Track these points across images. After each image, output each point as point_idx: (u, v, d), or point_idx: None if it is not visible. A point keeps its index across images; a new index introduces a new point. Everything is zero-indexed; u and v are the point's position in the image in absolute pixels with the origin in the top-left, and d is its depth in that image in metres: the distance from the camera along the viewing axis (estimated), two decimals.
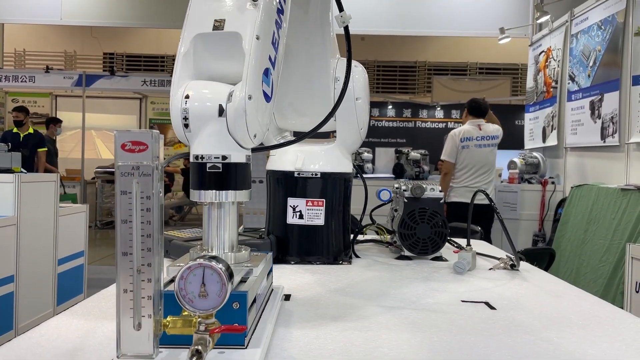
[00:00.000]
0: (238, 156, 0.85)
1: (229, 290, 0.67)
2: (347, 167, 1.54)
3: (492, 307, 1.06)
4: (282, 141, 1.50)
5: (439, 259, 1.57)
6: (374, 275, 1.36)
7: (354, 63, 1.59)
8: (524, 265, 1.48)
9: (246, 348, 0.75)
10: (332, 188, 1.49)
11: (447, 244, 1.67)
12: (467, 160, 4.91)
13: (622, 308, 3.02)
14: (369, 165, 6.75)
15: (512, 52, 9.92)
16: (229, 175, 0.84)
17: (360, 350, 0.82)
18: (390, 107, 10.92)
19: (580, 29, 5.23)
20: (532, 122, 6.39)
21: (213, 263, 0.67)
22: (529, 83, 6.58)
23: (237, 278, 0.77)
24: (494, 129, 5.00)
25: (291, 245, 1.48)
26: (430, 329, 0.92)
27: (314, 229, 1.47)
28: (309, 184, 1.48)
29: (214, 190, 0.84)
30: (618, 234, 3.84)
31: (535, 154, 6.00)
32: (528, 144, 6.44)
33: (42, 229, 3.96)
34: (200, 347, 0.65)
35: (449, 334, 0.90)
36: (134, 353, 0.68)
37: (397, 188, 1.68)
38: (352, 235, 1.60)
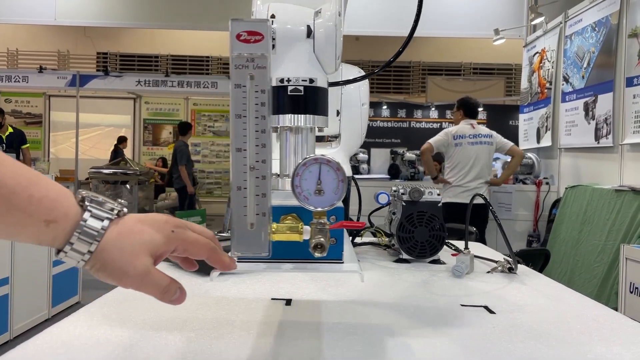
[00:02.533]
0: (322, 80, 0.82)
1: (345, 187, 0.66)
2: (346, 170, 1.54)
3: (491, 311, 1.07)
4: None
5: (437, 262, 1.58)
6: (372, 278, 1.37)
7: (353, 68, 1.61)
8: (521, 268, 1.49)
9: (343, 262, 0.74)
10: None
11: (444, 246, 1.68)
12: (460, 157, 4.93)
13: (616, 308, 3.04)
14: (365, 166, 6.76)
15: (506, 52, 9.96)
16: (311, 99, 0.81)
17: (360, 356, 0.83)
18: (385, 107, 10.93)
19: (574, 30, 5.26)
20: (527, 123, 6.42)
21: (331, 160, 0.65)
22: (524, 84, 6.61)
23: None
24: (487, 130, 5.04)
25: None
26: (431, 334, 0.93)
27: None
28: None
29: (293, 114, 0.81)
30: (612, 235, 3.86)
31: (529, 154, 6.03)
32: (522, 145, 6.47)
33: None
34: (323, 240, 0.64)
35: (450, 338, 0.91)
36: (248, 252, 0.66)
37: (395, 191, 1.68)
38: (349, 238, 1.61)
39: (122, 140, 11.05)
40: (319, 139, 1.72)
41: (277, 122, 0.82)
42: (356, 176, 6.11)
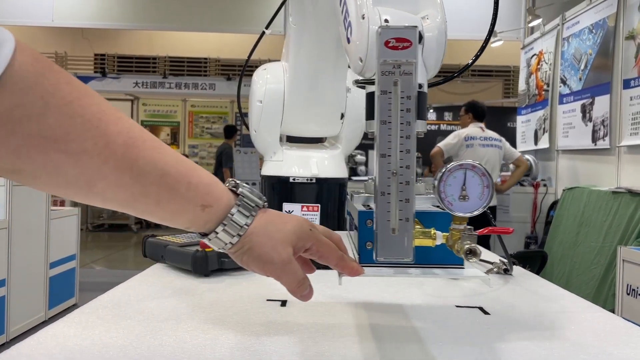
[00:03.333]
0: (426, 85, 0.83)
1: (492, 193, 0.67)
2: (342, 172, 1.55)
3: (486, 312, 1.07)
4: (285, 149, 1.51)
5: None
6: (368, 280, 1.37)
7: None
8: (517, 269, 1.49)
9: (464, 267, 0.75)
10: (327, 193, 1.50)
11: None
12: (471, 158, 4.95)
13: (613, 310, 3.05)
14: (362, 167, 6.76)
15: (504, 54, 9.97)
16: (420, 104, 0.80)
17: (357, 356, 0.83)
18: None
19: (571, 32, 5.27)
20: (524, 125, 6.43)
21: (476, 165, 0.66)
22: (521, 86, 6.62)
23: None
24: (497, 134, 5.10)
25: None
26: (426, 335, 0.93)
27: None
28: (304, 189, 1.49)
29: None
30: (609, 237, 3.87)
31: (527, 156, 6.04)
32: (520, 147, 6.48)
33: (34, 232, 3.94)
34: (474, 245, 0.65)
35: (444, 339, 0.91)
36: (391, 257, 0.67)
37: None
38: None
39: None
40: (317, 140, 1.73)
41: (373, 127, 0.84)
42: (354, 178, 6.11)
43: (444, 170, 0.67)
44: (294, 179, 1.48)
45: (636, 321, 2.52)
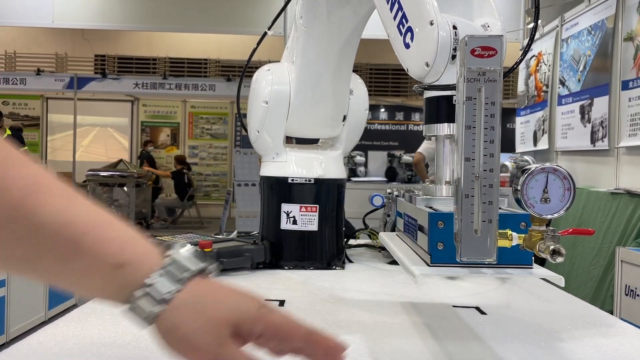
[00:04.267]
0: None
1: (573, 195, 0.68)
2: (341, 173, 1.56)
3: (482, 312, 1.08)
4: (280, 156, 1.52)
5: None
6: (367, 280, 1.38)
7: (356, 77, 1.63)
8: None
9: (532, 267, 0.76)
10: (325, 194, 1.51)
11: None
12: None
13: (611, 311, 3.04)
14: (362, 168, 6.77)
15: None
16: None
17: (354, 355, 0.83)
18: (382, 110, 10.96)
19: (570, 34, 5.28)
20: (523, 126, 6.44)
21: (558, 168, 0.68)
22: (520, 87, 6.63)
23: None
24: None
25: (285, 251, 1.49)
26: (423, 335, 0.94)
27: (307, 234, 1.49)
28: (302, 190, 1.49)
29: (451, 123, 0.85)
30: (608, 238, 3.87)
31: (526, 157, 6.04)
32: (519, 148, 6.49)
33: None
34: (559, 246, 0.66)
35: (441, 339, 0.92)
36: (474, 257, 0.68)
37: (389, 193, 1.69)
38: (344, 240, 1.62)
39: (147, 142, 11.05)
40: (313, 141, 1.73)
41: (435, 131, 0.87)
42: (353, 179, 6.07)
43: (526, 173, 0.69)
44: (292, 180, 1.49)
45: (634, 322, 2.52)
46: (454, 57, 0.86)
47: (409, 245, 0.92)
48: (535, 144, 6.07)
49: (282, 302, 1.13)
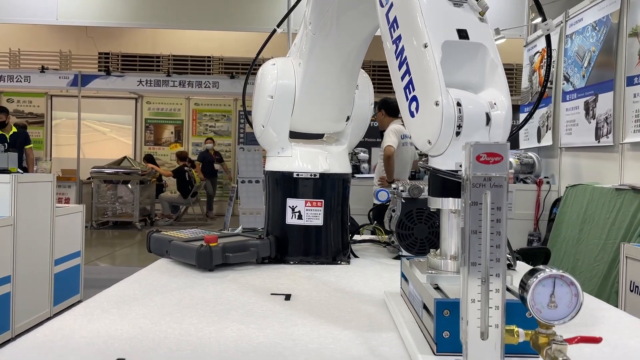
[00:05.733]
0: None
1: (581, 301, 0.67)
2: (346, 168, 1.56)
3: None
4: (285, 151, 1.52)
5: None
6: (373, 275, 1.38)
7: (362, 72, 1.63)
8: (520, 265, 1.49)
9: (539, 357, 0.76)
10: (330, 189, 1.51)
11: None
12: (405, 157, 4.96)
13: (616, 307, 3.03)
14: (365, 165, 6.76)
15: (507, 52, 9.95)
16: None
17: (361, 349, 0.83)
18: None
19: (574, 29, 5.26)
20: (527, 122, 6.43)
21: (565, 274, 0.67)
22: (524, 83, 6.61)
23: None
24: None
25: (290, 246, 1.49)
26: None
27: (312, 229, 1.49)
28: (308, 185, 1.49)
29: (457, 199, 0.86)
30: (612, 234, 3.86)
31: (530, 153, 6.02)
32: (523, 144, 6.47)
33: (39, 229, 3.96)
34: (567, 357, 0.66)
35: None
36: None
37: (394, 189, 1.69)
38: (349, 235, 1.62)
39: (184, 157, 10.85)
40: (318, 136, 1.73)
41: (440, 205, 0.87)
42: (357, 175, 6.03)
43: (533, 280, 0.68)
44: (297, 175, 1.49)
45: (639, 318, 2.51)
46: (458, 133, 0.86)
47: (414, 316, 0.92)
48: (539, 140, 6.05)
49: (288, 296, 1.13)
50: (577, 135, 5.12)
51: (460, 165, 0.83)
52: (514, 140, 6.48)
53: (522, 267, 1.48)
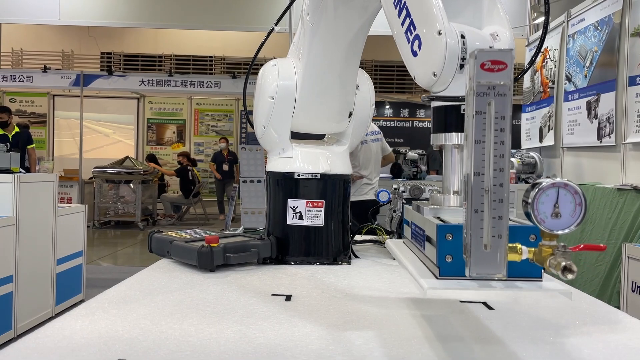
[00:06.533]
0: None
1: (584, 210, 0.67)
2: (347, 168, 1.56)
3: (490, 307, 1.08)
4: (286, 152, 1.52)
5: None
6: (373, 275, 1.38)
7: (362, 73, 1.63)
8: None
9: (542, 280, 0.75)
10: (331, 189, 1.51)
11: None
12: (367, 155, 4.96)
13: (618, 307, 3.03)
14: None
15: None
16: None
17: (360, 350, 0.83)
18: (387, 106, 10.94)
19: (576, 29, 5.26)
20: (529, 122, 6.42)
21: (569, 183, 0.67)
22: (526, 83, 6.60)
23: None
24: (376, 126, 5.14)
25: (291, 246, 1.49)
26: (431, 329, 0.94)
27: (313, 229, 1.49)
28: (309, 185, 1.49)
29: (460, 133, 0.86)
30: (614, 234, 3.86)
31: (532, 153, 6.02)
32: (525, 144, 6.46)
33: (41, 229, 3.97)
34: (571, 263, 0.65)
35: (449, 334, 0.92)
36: (483, 273, 0.67)
37: (395, 189, 1.69)
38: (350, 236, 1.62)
39: (183, 155, 10.86)
40: (319, 137, 1.73)
41: (442, 140, 0.87)
42: None
43: (537, 188, 0.68)
44: (298, 175, 1.49)
45: None
46: (462, 66, 0.85)
47: (417, 254, 0.92)
48: (541, 140, 6.05)
49: (288, 297, 1.13)
50: (579, 135, 5.11)
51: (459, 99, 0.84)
52: (515, 140, 6.47)
53: None
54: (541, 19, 6.07)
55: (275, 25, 1.72)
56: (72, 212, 4.46)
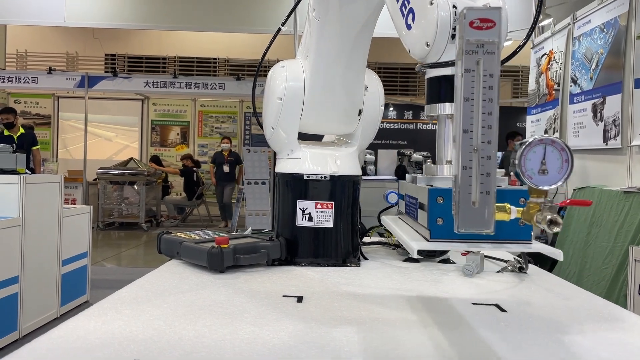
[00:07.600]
0: None
1: (571, 167, 0.68)
2: (357, 170, 1.55)
3: (503, 310, 1.07)
4: (295, 153, 1.52)
5: (447, 261, 1.58)
6: (383, 277, 1.37)
7: (372, 73, 1.63)
8: (532, 268, 1.49)
9: (532, 243, 0.76)
10: (341, 190, 1.50)
11: None
12: None
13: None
14: (372, 167, 6.76)
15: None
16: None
17: (377, 351, 0.83)
18: (391, 108, 10.92)
19: (582, 31, 5.25)
20: (534, 125, 6.41)
21: (556, 140, 0.67)
22: (531, 85, 6.59)
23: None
24: None
25: (300, 248, 1.49)
26: (444, 331, 0.93)
27: (323, 231, 1.48)
28: (318, 187, 1.49)
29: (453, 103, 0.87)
30: (621, 237, 3.84)
31: None
32: None
33: (47, 230, 3.97)
34: (556, 216, 0.66)
35: (463, 336, 0.92)
36: (472, 229, 0.68)
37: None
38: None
39: (187, 157, 10.85)
40: (317, 139, 1.73)
41: (436, 111, 0.87)
42: (363, 177, 6.08)
43: (524, 145, 0.68)
44: (308, 176, 1.48)
45: None
46: (453, 36, 0.86)
47: (410, 225, 0.93)
48: None
49: (300, 299, 1.13)
50: (584, 138, 5.10)
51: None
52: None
53: (534, 270, 1.47)
54: (547, 21, 6.06)
55: (283, 25, 1.72)
56: (77, 214, 4.47)
